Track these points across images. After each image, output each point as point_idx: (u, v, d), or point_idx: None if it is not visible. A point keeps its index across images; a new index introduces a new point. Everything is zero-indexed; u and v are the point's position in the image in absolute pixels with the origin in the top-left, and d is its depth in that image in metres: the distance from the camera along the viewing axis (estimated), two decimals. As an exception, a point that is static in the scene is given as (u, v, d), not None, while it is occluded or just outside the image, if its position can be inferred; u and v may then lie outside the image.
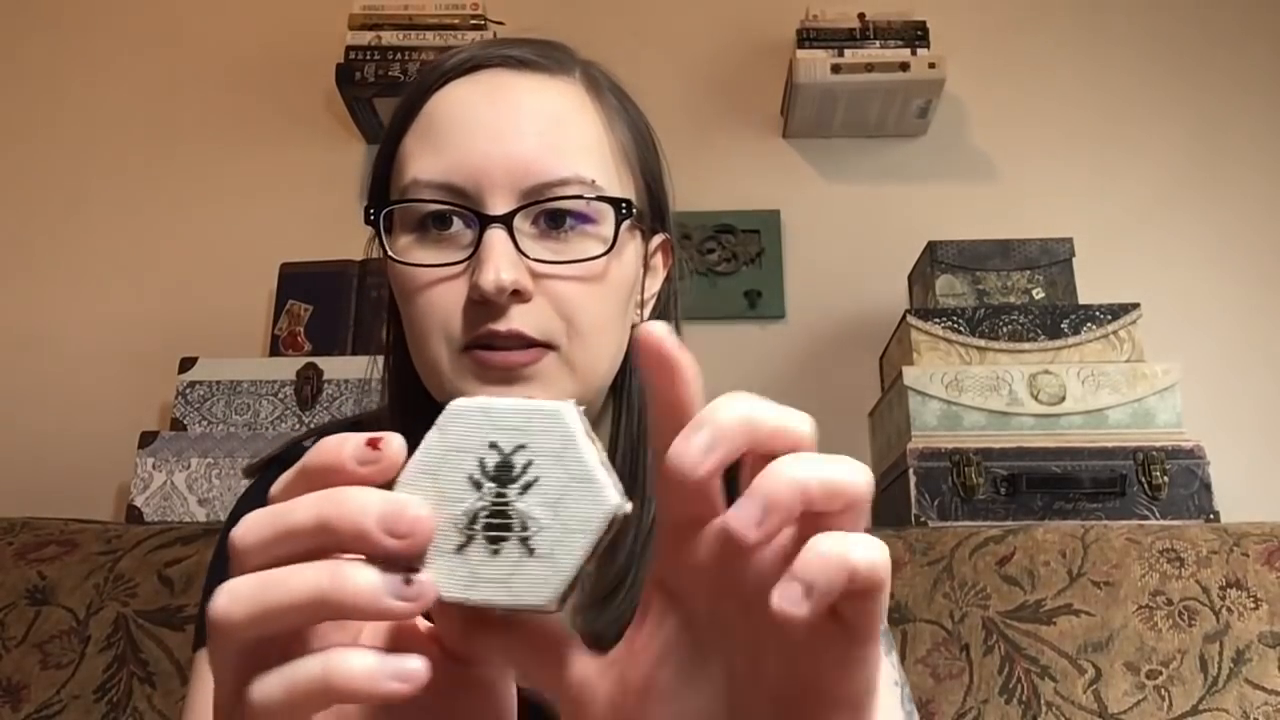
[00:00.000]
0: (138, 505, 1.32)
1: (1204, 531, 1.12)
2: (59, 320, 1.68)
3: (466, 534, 0.30)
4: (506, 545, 0.30)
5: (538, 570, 0.30)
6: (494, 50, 0.61)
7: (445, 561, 0.30)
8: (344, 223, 1.70)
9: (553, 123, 0.59)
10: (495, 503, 0.31)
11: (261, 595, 0.29)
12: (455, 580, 0.30)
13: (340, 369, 1.41)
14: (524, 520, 0.30)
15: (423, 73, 0.63)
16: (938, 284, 1.47)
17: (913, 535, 1.15)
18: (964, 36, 1.77)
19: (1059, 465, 1.26)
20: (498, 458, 0.31)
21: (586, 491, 0.31)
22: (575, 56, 0.65)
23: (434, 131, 0.59)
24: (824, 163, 1.74)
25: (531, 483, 0.31)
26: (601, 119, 0.62)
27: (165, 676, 1.06)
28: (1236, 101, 1.76)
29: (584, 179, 0.58)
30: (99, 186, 1.75)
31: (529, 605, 0.30)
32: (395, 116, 0.63)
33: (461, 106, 0.59)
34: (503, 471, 0.31)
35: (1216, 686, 1.01)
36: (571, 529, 0.30)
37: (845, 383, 1.59)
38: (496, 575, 0.30)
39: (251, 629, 0.29)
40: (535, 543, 0.30)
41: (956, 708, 1.03)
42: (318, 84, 1.75)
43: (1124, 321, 1.37)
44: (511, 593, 0.30)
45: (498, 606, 0.30)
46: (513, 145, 0.57)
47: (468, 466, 0.31)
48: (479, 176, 0.57)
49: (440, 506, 0.30)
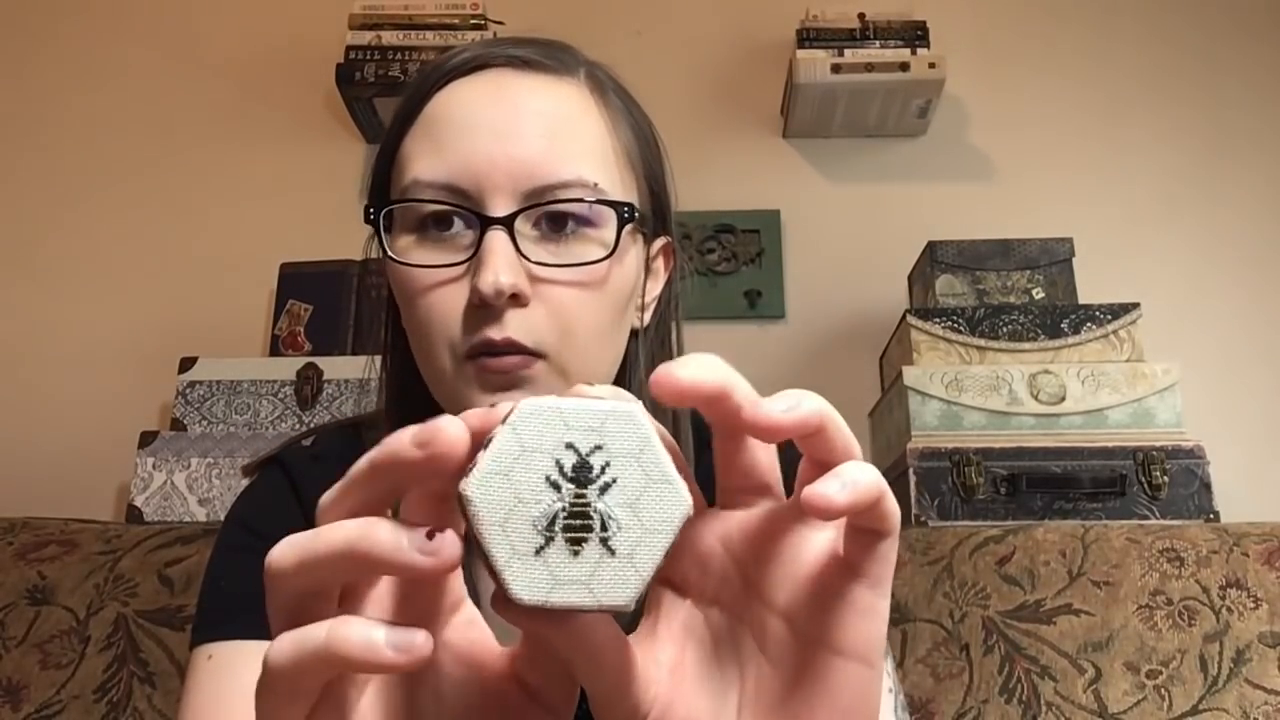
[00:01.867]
0: (138, 505, 1.32)
1: (1204, 531, 1.12)
2: (59, 320, 1.68)
3: (545, 535, 0.30)
4: (587, 546, 0.30)
5: (619, 571, 0.30)
6: (498, 50, 0.61)
7: (523, 565, 0.30)
8: (344, 223, 1.69)
9: (556, 124, 0.58)
10: (574, 503, 0.30)
11: (307, 544, 0.30)
12: (535, 584, 0.30)
13: (340, 369, 1.41)
14: (604, 520, 0.30)
15: (424, 71, 0.62)
16: (938, 284, 1.47)
17: (913, 535, 1.15)
18: (964, 36, 1.77)
19: (1059, 465, 1.26)
20: (575, 458, 0.31)
21: (665, 492, 0.31)
22: (580, 57, 0.64)
23: (436, 131, 0.58)
24: (824, 163, 1.74)
25: (610, 484, 0.31)
26: (605, 121, 0.62)
27: (165, 676, 1.06)
28: (1237, 101, 1.76)
29: (586, 182, 0.57)
30: (99, 186, 1.75)
31: (610, 606, 0.30)
32: (396, 116, 0.62)
33: (464, 107, 0.58)
34: (581, 472, 0.31)
35: (1216, 686, 1.01)
36: (650, 529, 0.31)
37: (845, 383, 1.59)
38: (577, 576, 0.30)
39: (297, 577, 0.30)
40: (615, 543, 0.30)
41: (956, 707, 1.03)
42: (318, 84, 1.75)
43: (1124, 321, 1.37)
44: (593, 594, 0.30)
45: (579, 608, 0.30)
46: (515, 147, 0.57)
47: (545, 467, 0.30)
48: (480, 178, 0.56)
49: (516, 508, 0.30)
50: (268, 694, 0.31)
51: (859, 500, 0.30)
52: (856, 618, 0.32)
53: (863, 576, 0.32)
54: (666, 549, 0.31)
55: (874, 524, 0.31)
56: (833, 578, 0.32)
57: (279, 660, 0.30)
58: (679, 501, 0.31)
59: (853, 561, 0.32)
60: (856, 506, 0.30)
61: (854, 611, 0.32)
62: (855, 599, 0.32)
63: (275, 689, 0.31)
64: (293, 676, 0.30)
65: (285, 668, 0.30)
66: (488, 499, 0.30)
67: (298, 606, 0.31)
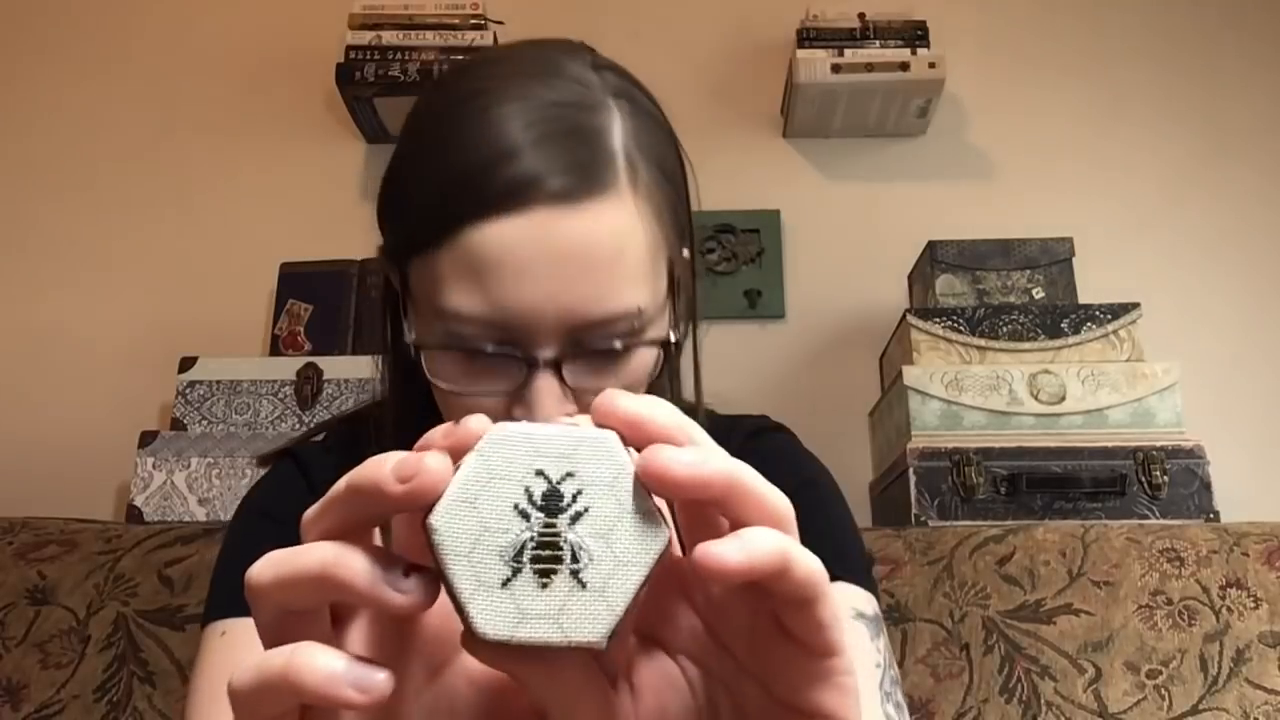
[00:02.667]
0: (138, 505, 1.32)
1: (1204, 531, 1.12)
2: (59, 320, 1.68)
3: (513, 566, 0.29)
4: (556, 578, 0.29)
5: (589, 605, 0.29)
6: (531, 174, 0.54)
7: (488, 598, 0.28)
8: (344, 223, 1.70)
9: (600, 262, 0.56)
10: (544, 533, 0.29)
11: (284, 562, 0.29)
12: (500, 618, 0.28)
13: (340, 368, 1.41)
14: (575, 551, 0.29)
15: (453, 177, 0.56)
16: (938, 284, 1.47)
17: (913, 535, 1.15)
18: (964, 36, 1.77)
19: (1059, 465, 1.26)
20: (545, 486, 0.29)
21: (640, 523, 0.29)
22: (615, 142, 0.58)
23: (475, 266, 0.55)
24: (824, 163, 1.74)
25: (581, 513, 0.29)
26: (647, 212, 0.59)
27: (165, 676, 1.06)
28: (1237, 100, 1.76)
29: (631, 311, 0.57)
30: (99, 186, 1.75)
31: (580, 642, 0.29)
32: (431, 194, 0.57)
33: (505, 251, 0.54)
34: (551, 500, 0.29)
35: (1216, 686, 1.01)
36: (624, 561, 0.29)
37: (845, 383, 1.59)
38: (545, 610, 0.28)
39: (275, 594, 0.29)
40: (587, 575, 0.29)
41: (956, 707, 1.03)
42: (318, 84, 1.75)
43: (1124, 321, 1.37)
44: (561, 630, 0.28)
45: (547, 645, 0.29)
46: (561, 293, 0.55)
47: (513, 495, 0.29)
48: (525, 321, 0.55)
49: (482, 538, 0.29)
50: (236, 715, 0.30)
51: (756, 565, 0.28)
52: (811, 684, 0.31)
53: (802, 645, 0.30)
54: (641, 583, 0.29)
55: (788, 590, 0.29)
56: (780, 646, 0.31)
57: (239, 684, 0.29)
58: (655, 533, 0.29)
59: (790, 631, 0.30)
60: (754, 572, 0.28)
61: (806, 679, 0.31)
62: (803, 666, 0.31)
63: (241, 714, 0.30)
64: (252, 702, 0.29)
65: (244, 692, 0.29)
66: (453, 529, 0.28)
67: (280, 623, 0.30)
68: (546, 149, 0.55)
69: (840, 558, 0.67)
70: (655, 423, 0.30)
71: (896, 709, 0.64)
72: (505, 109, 0.56)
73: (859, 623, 0.66)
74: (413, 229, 0.58)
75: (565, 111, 0.56)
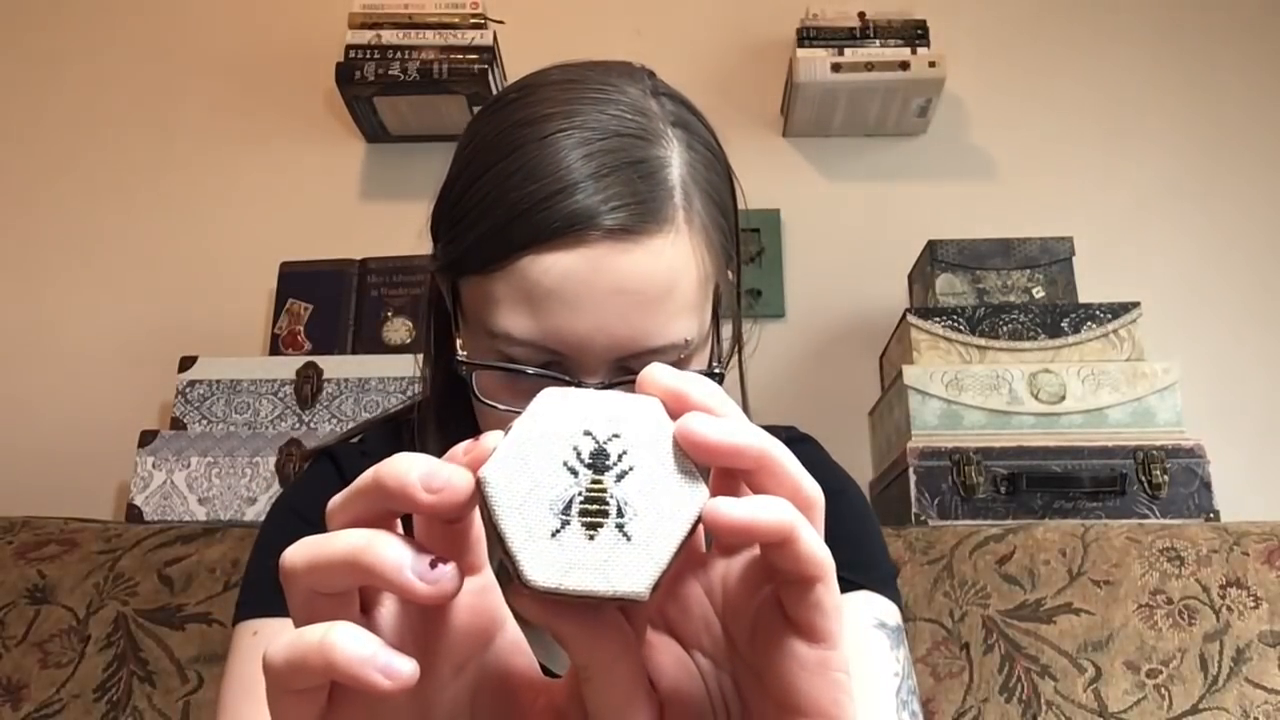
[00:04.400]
0: (138, 504, 1.32)
1: (1204, 530, 1.12)
2: (59, 320, 1.68)
3: (562, 519, 0.30)
4: (603, 531, 0.30)
5: (634, 557, 0.30)
6: (590, 209, 0.55)
7: (538, 548, 0.30)
8: (344, 222, 1.70)
9: (652, 297, 0.57)
10: (591, 488, 0.30)
11: (317, 546, 0.31)
12: (550, 567, 0.29)
13: (340, 368, 1.41)
14: (620, 506, 0.30)
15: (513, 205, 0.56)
16: (938, 283, 1.47)
17: (913, 534, 1.15)
18: (964, 36, 1.77)
19: (1059, 464, 1.26)
20: (593, 444, 0.31)
21: (682, 481, 0.31)
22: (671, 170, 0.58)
23: (529, 295, 0.56)
24: (824, 162, 1.74)
25: (627, 471, 0.31)
26: (699, 244, 0.59)
27: (165, 675, 1.06)
28: (1237, 100, 1.76)
29: (679, 343, 0.58)
30: (98, 186, 1.75)
31: (625, 593, 0.30)
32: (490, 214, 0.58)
33: (558, 281, 0.55)
34: (598, 458, 0.31)
35: (1216, 685, 1.01)
36: (666, 516, 0.30)
37: (845, 382, 1.59)
38: (592, 561, 0.30)
39: (307, 577, 0.31)
40: (631, 529, 0.30)
41: (956, 707, 1.03)
42: (318, 83, 1.75)
43: (1124, 320, 1.37)
44: (608, 579, 0.29)
45: (593, 594, 0.30)
46: (612, 327, 0.56)
47: (562, 452, 0.31)
48: (575, 350, 0.56)
49: (533, 492, 0.30)
50: (269, 690, 0.31)
51: (758, 526, 0.29)
52: (806, 675, 0.31)
53: (800, 630, 0.31)
54: (683, 538, 0.30)
55: (790, 566, 0.30)
56: (779, 632, 0.31)
57: (273, 658, 0.30)
58: (695, 491, 0.31)
59: (789, 614, 0.31)
60: (754, 531, 0.29)
61: (802, 669, 0.31)
62: (799, 654, 0.31)
63: (272, 686, 0.31)
64: (286, 676, 0.30)
65: (278, 664, 0.30)
66: (505, 483, 0.30)
67: (311, 605, 0.31)
68: (605, 182, 0.55)
69: (866, 567, 0.68)
70: (694, 394, 0.32)
71: (912, 717, 0.65)
72: (566, 138, 0.56)
73: (880, 632, 0.66)
74: (469, 249, 0.58)
75: (625, 142, 0.57)
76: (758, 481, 0.31)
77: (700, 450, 0.30)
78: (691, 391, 0.32)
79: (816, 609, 0.31)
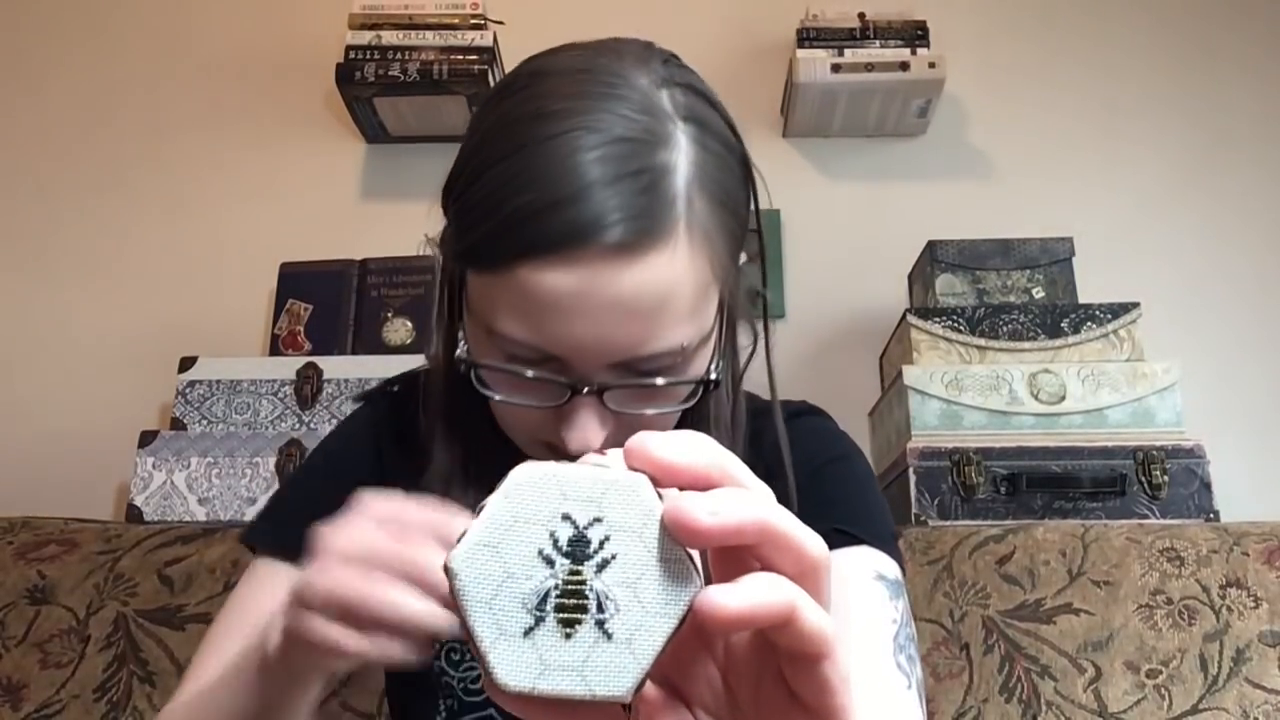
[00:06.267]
0: (138, 504, 1.32)
1: (1204, 531, 1.12)
2: (59, 320, 1.68)
3: (536, 615, 0.28)
4: (581, 628, 0.28)
5: (614, 657, 0.27)
6: (590, 222, 0.54)
7: (509, 647, 0.27)
8: (344, 223, 1.70)
9: (650, 311, 0.56)
10: (568, 581, 0.28)
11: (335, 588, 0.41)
12: (522, 669, 0.27)
13: (340, 368, 1.41)
14: (601, 600, 0.28)
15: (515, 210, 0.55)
16: (938, 283, 1.47)
17: (913, 534, 1.15)
18: (964, 36, 1.77)
19: (1059, 464, 1.26)
20: (571, 530, 0.28)
21: (670, 570, 0.28)
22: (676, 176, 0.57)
23: (526, 302, 0.56)
24: (824, 162, 1.74)
25: (609, 560, 0.28)
26: (701, 250, 0.59)
27: (165, 675, 1.06)
28: (1237, 100, 1.76)
29: (674, 349, 0.58)
30: (99, 186, 1.75)
31: (604, 696, 0.27)
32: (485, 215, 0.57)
33: (556, 293, 0.55)
34: (577, 546, 0.28)
35: (1216, 686, 1.01)
36: (652, 611, 0.28)
37: (845, 382, 1.59)
38: (569, 662, 0.27)
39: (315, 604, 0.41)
40: (613, 626, 0.28)
41: (956, 707, 1.03)
42: (318, 84, 1.75)
43: (1124, 321, 1.37)
44: (585, 682, 0.27)
45: (570, 698, 0.27)
46: (608, 336, 0.56)
47: (538, 539, 0.28)
48: (571, 356, 0.57)
49: (505, 584, 0.28)
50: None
51: (757, 612, 0.26)
52: None
53: (806, 708, 0.29)
54: (669, 635, 0.28)
55: (793, 645, 0.28)
56: (783, 706, 0.30)
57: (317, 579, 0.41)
58: (685, 583, 0.28)
59: (795, 690, 0.29)
60: (753, 619, 0.27)
61: None
62: None
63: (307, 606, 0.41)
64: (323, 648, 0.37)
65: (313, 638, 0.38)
66: (474, 575, 0.28)
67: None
68: (606, 194, 0.54)
69: (865, 523, 0.69)
70: (688, 467, 0.29)
71: (909, 661, 0.65)
72: (570, 142, 0.55)
73: (879, 584, 0.67)
74: (472, 246, 0.58)
75: (629, 148, 0.56)
76: (761, 554, 0.29)
77: (692, 537, 0.27)
78: (686, 461, 0.29)
79: (824, 687, 0.29)
